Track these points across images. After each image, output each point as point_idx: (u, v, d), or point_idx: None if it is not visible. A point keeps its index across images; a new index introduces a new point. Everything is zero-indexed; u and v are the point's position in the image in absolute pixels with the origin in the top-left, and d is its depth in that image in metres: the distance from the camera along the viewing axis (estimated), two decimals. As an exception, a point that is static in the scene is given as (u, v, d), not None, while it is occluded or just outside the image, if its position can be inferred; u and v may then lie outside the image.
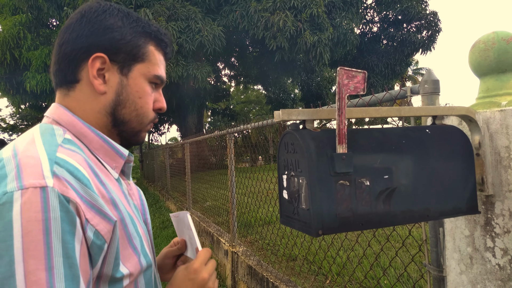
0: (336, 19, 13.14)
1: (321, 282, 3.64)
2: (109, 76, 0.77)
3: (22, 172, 0.60)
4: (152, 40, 0.83)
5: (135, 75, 0.80)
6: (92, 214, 0.63)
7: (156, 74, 0.82)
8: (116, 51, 0.77)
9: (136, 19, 0.81)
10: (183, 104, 16.53)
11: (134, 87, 0.80)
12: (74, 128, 0.75)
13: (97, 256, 0.64)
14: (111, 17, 0.78)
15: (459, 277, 1.26)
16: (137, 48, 0.79)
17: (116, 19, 0.78)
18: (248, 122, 3.37)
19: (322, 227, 0.81)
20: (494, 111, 1.13)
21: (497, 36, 1.21)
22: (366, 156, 0.88)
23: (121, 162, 0.79)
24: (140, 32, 0.80)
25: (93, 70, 0.75)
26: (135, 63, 0.80)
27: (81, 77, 0.76)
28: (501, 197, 1.12)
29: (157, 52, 0.84)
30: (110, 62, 0.77)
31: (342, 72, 0.82)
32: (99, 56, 0.75)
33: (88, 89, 0.77)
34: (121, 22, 0.78)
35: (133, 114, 0.80)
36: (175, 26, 11.52)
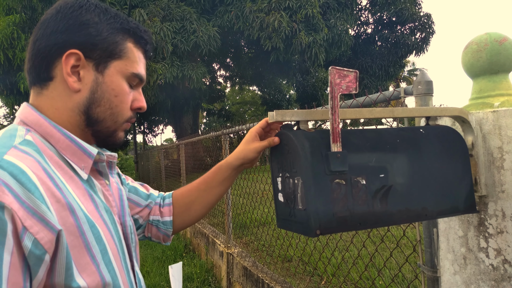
0: (331, 20, 13.18)
1: (316, 283, 3.64)
2: (84, 73, 0.75)
3: None
4: (131, 37, 0.80)
5: (111, 72, 0.77)
6: (33, 221, 0.59)
7: (134, 72, 0.80)
8: (92, 48, 0.75)
9: (114, 15, 0.79)
10: (178, 105, 16.50)
11: (110, 85, 0.77)
12: (40, 127, 0.72)
13: (37, 266, 0.59)
14: (87, 12, 0.75)
15: (453, 278, 1.26)
16: (114, 45, 0.77)
17: (92, 14, 0.76)
18: (243, 123, 3.36)
19: (319, 227, 0.81)
20: (487, 112, 1.14)
21: (489, 37, 1.22)
22: (361, 155, 0.89)
23: (89, 162, 0.75)
24: (118, 29, 0.78)
25: (67, 67, 0.73)
26: (112, 60, 0.77)
27: (55, 74, 0.74)
28: (494, 198, 1.13)
29: (136, 49, 0.81)
30: (85, 59, 0.74)
31: (334, 72, 0.82)
32: (73, 52, 0.73)
33: (61, 87, 0.74)
34: (98, 18, 0.76)
35: (107, 112, 0.78)
36: (170, 26, 11.50)
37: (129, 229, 0.86)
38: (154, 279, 4.33)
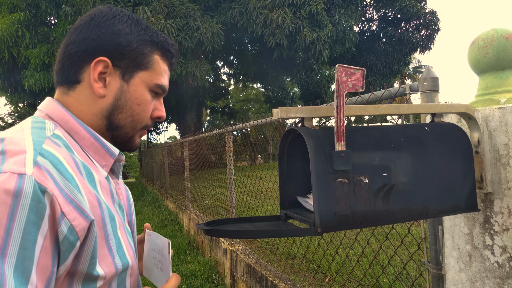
0: (335, 17, 13.11)
1: (320, 281, 3.64)
2: (110, 80, 0.78)
3: (6, 158, 0.60)
4: (159, 50, 0.84)
5: (136, 82, 0.81)
6: (70, 208, 0.62)
7: (158, 83, 0.83)
8: (120, 57, 0.78)
9: (144, 27, 0.82)
10: (182, 102, 16.51)
11: (134, 94, 0.81)
12: (67, 124, 0.75)
13: (68, 252, 0.62)
14: (119, 23, 0.79)
15: (458, 275, 1.26)
16: (142, 56, 0.80)
17: (124, 25, 0.79)
18: (247, 121, 3.36)
19: (321, 225, 0.81)
20: (493, 108, 1.13)
21: (496, 33, 1.20)
22: (365, 153, 0.88)
23: (110, 161, 0.79)
24: (147, 41, 0.81)
25: (94, 73, 0.76)
26: (138, 71, 0.81)
27: (83, 78, 0.77)
28: (500, 195, 1.12)
29: (162, 62, 0.84)
30: (113, 67, 0.78)
31: (340, 70, 0.82)
32: (102, 59, 0.76)
33: (88, 91, 0.78)
34: (129, 29, 0.80)
35: (128, 119, 0.81)
36: (174, 23, 11.50)
37: (135, 227, 0.89)
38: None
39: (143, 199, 11.91)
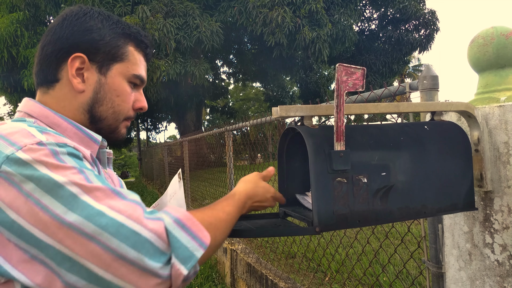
0: (335, 16, 13.09)
1: (320, 279, 3.65)
2: (87, 75, 0.80)
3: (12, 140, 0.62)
4: (132, 41, 0.85)
5: (113, 74, 0.82)
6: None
7: (135, 74, 0.85)
8: (95, 51, 0.80)
9: (116, 21, 0.84)
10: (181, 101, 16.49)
11: (112, 86, 0.82)
12: (47, 118, 0.77)
13: None
14: (91, 19, 0.81)
15: (458, 273, 1.26)
16: (116, 48, 0.82)
17: (96, 21, 0.81)
18: (247, 120, 3.36)
19: (319, 224, 0.81)
20: (493, 106, 1.13)
21: (496, 31, 1.20)
22: (364, 153, 0.88)
23: (95, 147, 0.81)
24: (119, 33, 0.83)
25: (72, 69, 0.79)
26: (114, 63, 0.82)
27: (61, 76, 0.80)
28: (500, 193, 1.12)
29: (136, 53, 0.86)
30: (89, 62, 0.80)
31: (341, 69, 0.82)
32: (78, 56, 0.78)
33: (67, 88, 0.80)
34: (101, 24, 0.82)
35: (109, 111, 0.83)
36: (173, 22, 11.47)
37: None
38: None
39: (143, 199, 11.90)
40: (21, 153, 0.59)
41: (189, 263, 0.60)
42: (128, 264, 0.56)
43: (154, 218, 0.61)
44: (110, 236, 0.56)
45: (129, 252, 0.56)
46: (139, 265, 0.57)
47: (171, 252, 0.60)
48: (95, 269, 0.56)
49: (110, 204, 0.59)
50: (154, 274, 0.57)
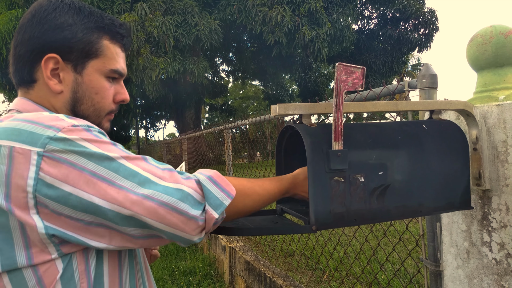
0: (333, 16, 13.08)
1: (319, 277, 3.65)
2: (63, 75, 0.78)
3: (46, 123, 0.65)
4: (106, 34, 0.82)
5: (89, 72, 0.80)
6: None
7: (112, 69, 0.83)
8: (68, 50, 0.78)
9: (88, 13, 0.81)
10: (180, 99, 16.47)
11: (90, 84, 0.81)
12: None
13: None
14: (61, 15, 0.78)
15: (456, 272, 1.26)
16: (89, 45, 0.79)
17: (66, 16, 0.78)
18: (246, 118, 3.36)
19: (315, 223, 0.81)
20: (492, 105, 1.13)
21: (495, 30, 1.20)
22: (362, 152, 0.88)
23: None
24: (92, 28, 0.80)
25: (46, 71, 0.77)
26: (89, 60, 0.80)
27: (38, 77, 0.78)
28: (498, 192, 1.12)
29: (112, 46, 0.83)
30: (64, 61, 0.78)
31: (340, 68, 0.81)
32: (51, 56, 0.76)
33: (46, 88, 0.78)
34: (72, 19, 0.78)
35: (90, 109, 0.82)
36: (172, 20, 11.45)
37: None
38: (156, 273, 4.35)
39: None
40: (62, 133, 0.63)
41: (219, 209, 0.72)
42: (177, 215, 0.67)
43: (187, 178, 0.72)
44: (162, 194, 0.66)
45: (179, 205, 0.67)
46: (186, 214, 0.67)
47: (205, 202, 0.71)
48: (152, 222, 0.65)
49: (151, 170, 0.68)
50: (195, 220, 0.68)
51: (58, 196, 0.61)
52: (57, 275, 0.65)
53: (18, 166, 0.60)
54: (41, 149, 0.61)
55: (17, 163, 0.60)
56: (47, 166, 0.61)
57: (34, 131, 0.63)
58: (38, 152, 0.61)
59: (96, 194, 0.62)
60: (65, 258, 0.65)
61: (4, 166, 0.61)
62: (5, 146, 0.62)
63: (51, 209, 0.61)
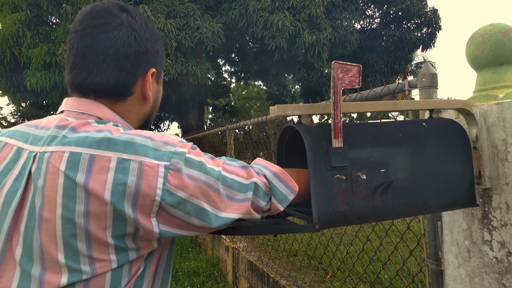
0: (337, 21, 13.07)
1: (322, 277, 3.65)
2: (152, 86, 0.85)
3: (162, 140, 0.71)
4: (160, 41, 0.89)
5: (161, 81, 0.89)
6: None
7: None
8: (159, 64, 0.86)
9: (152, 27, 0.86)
10: (183, 101, 16.49)
11: (159, 91, 0.89)
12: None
13: None
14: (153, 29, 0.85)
15: (457, 270, 1.26)
16: (163, 57, 0.88)
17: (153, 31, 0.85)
18: (248, 118, 3.37)
19: (318, 221, 0.82)
20: (491, 104, 1.13)
21: (494, 29, 1.20)
22: (362, 150, 0.89)
23: None
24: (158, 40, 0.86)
25: (149, 84, 0.83)
26: (161, 69, 0.88)
27: (135, 91, 0.81)
28: (498, 190, 1.12)
29: None
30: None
31: (336, 66, 0.82)
32: (153, 71, 0.83)
33: (137, 100, 0.83)
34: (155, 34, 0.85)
35: (155, 114, 0.90)
36: (174, 23, 11.48)
37: None
38: (160, 274, 4.36)
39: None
40: (180, 148, 0.70)
41: (285, 203, 0.81)
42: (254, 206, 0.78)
43: (259, 173, 0.81)
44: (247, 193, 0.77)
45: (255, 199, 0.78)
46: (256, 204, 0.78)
47: (271, 194, 0.80)
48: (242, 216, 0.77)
49: (236, 172, 0.77)
50: (261, 208, 0.80)
51: (178, 203, 0.68)
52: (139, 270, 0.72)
53: (147, 178, 0.66)
54: (167, 163, 0.68)
55: (147, 175, 0.66)
56: (172, 177, 0.68)
57: (157, 148, 0.69)
58: (165, 165, 0.68)
59: (207, 202, 0.71)
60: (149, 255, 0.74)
61: (134, 177, 0.66)
62: (135, 160, 0.67)
63: (169, 213, 0.69)
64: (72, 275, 0.65)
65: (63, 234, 0.64)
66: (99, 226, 0.65)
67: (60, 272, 0.65)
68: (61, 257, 0.64)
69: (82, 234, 0.64)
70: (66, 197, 0.64)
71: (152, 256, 0.75)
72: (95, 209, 0.64)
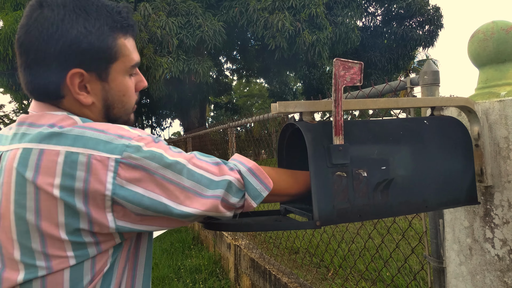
0: (338, 18, 13.03)
1: (323, 275, 3.66)
2: (90, 86, 0.76)
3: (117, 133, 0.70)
4: (119, 32, 0.78)
5: (114, 76, 0.79)
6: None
7: (132, 64, 0.81)
8: (90, 61, 0.74)
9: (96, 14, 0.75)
10: (185, 98, 16.50)
11: (117, 88, 0.80)
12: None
13: None
14: (72, 26, 0.72)
15: (458, 268, 1.26)
16: (108, 51, 0.76)
17: (78, 26, 0.72)
18: (250, 116, 3.37)
19: (319, 219, 0.82)
20: (493, 101, 1.13)
21: (496, 26, 1.20)
22: (363, 147, 0.88)
23: None
24: (106, 32, 0.76)
25: (74, 87, 0.74)
26: (111, 65, 0.77)
27: (65, 93, 0.75)
28: (500, 188, 1.12)
29: (127, 41, 0.80)
30: (87, 72, 0.75)
31: (338, 63, 0.82)
32: (75, 72, 0.73)
33: (75, 101, 0.76)
34: (85, 28, 0.73)
35: (121, 110, 0.84)
36: (176, 21, 11.47)
37: None
38: (162, 271, 4.38)
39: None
40: (135, 142, 0.68)
41: (258, 199, 0.80)
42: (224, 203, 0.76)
43: (231, 169, 0.78)
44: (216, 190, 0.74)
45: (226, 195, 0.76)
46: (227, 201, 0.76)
47: (245, 191, 0.79)
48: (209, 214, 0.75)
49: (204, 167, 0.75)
50: (233, 205, 0.78)
51: (132, 197, 0.67)
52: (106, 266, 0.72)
53: (96, 172, 0.64)
54: (118, 156, 0.66)
55: (95, 169, 0.64)
56: (123, 171, 0.66)
57: (109, 141, 0.67)
58: (116, 159, 0.66)
59: (166, 196, 0.69)
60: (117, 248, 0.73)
61: (83, 172, 0.64)
62: (84, 154, 0.65)
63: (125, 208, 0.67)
64: (28, 271, 0.64)
65: (17, 230, 0.65)
66: (51, 222, 0.64)
67: (18, 269, 0.65)
68: (17, 254, 0.65)
69: (34, 231, 0.64)
70: (18, 193, 0.64)
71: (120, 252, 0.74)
72: (45, 205, 0.63)
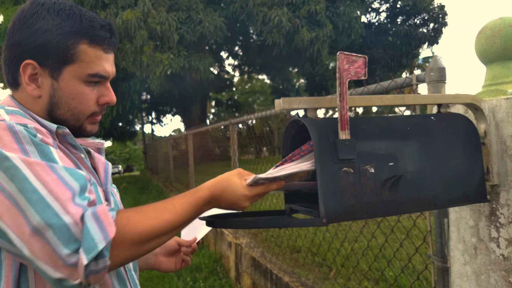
0: (340, 8, 12.96)
1: (325, 274, 3.65)
2: (42, 80, 0.80)
3: None
4: (84, 38, 0.80)
5: (66, 78, 0.80)
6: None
7: (90, 73, 0.82)
8: (45, 57, 0.78)
9: (66, 17, 0.79)
10: (186, 95, 16.48)
11: (66, 89, 0.81)
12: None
13: None
14: (38, 20, 0.78)
15: (463, 268, 1.25)
16: (65, 51, 0.78)
17: (43, 22, 0.78)
18: (252, 113, 3.35)
19: (326, 215, 0.79)
20: (500, 99, 1.11)
21: (503, 22, 1.18)
22: (370, 142, 0.87)
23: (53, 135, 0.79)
24: (68, 33, 0.78)
25: (25, 76, 0.79)
26: (65, 66, 0.79)
27: (20, 81, 0.81)
28: (506, 187, 1.10)
29: (91, 49, 0.81)
30: (41, 67, 0.79)
31: (342, 57, 0.80)
32: (28, 63, 0.78)
33: (27, 93, 0.81)
34: (48, 25, 0.78)
35: (68, 114, 0.83)
36: (176, 16, 11.44)
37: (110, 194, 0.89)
38: (163, 268, 4.37)
39: (148, 192, 11.94)
40: None
41: (91, 253, 0.60)
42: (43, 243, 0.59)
43: (79, 205, 0.62)
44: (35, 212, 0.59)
45: (47, 233, 0.59)
46: (52, 246, 0.59)
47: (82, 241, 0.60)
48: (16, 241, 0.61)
49: (46, 181, 0.62)
50: (61, 259, 0.59)
51: None
52: None
53: None
54: None
55: None
56: None
57: None
58: None
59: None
60: None
61: None
62: None
63: None
64: None
65: None
66: None
67: None
68: None
69: None
70: None
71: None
72: None
